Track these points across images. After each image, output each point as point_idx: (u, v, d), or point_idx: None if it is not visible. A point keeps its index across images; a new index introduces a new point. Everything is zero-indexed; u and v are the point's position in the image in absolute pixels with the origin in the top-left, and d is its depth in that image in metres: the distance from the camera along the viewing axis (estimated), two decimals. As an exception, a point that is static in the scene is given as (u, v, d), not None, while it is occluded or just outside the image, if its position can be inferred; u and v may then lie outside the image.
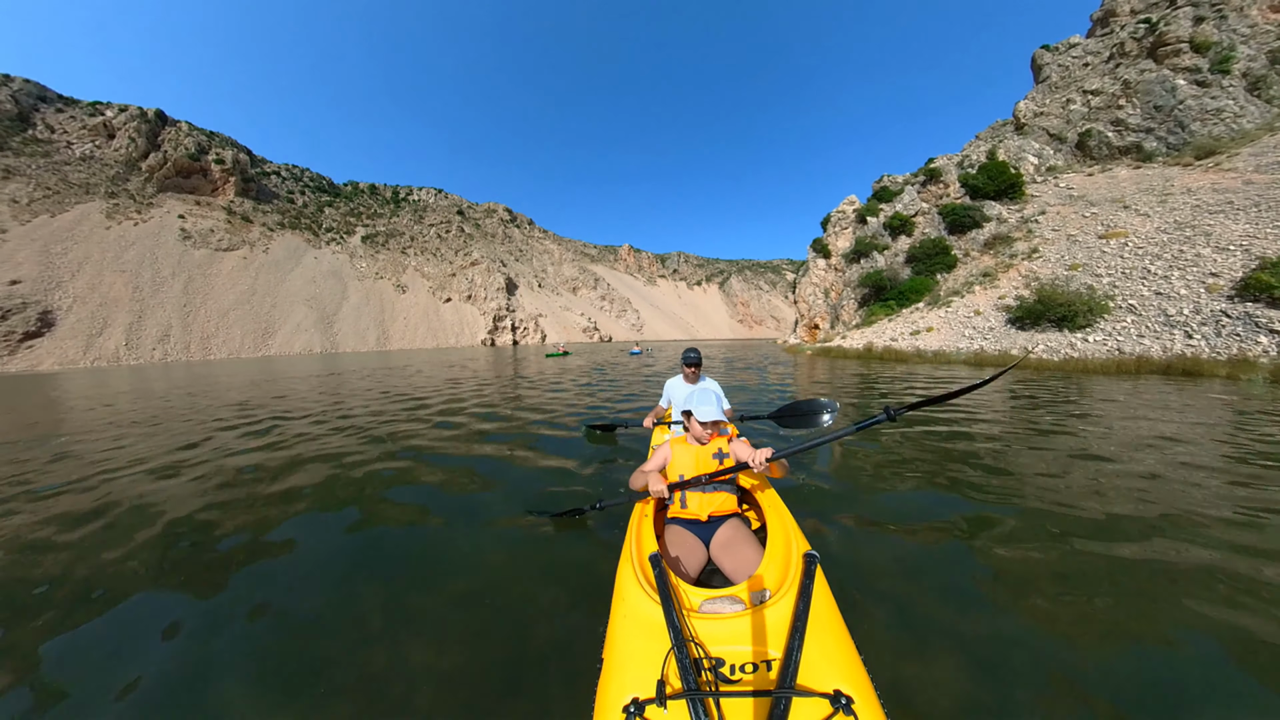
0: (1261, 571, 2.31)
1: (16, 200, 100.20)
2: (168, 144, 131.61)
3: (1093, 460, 4.24)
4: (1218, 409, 6.49)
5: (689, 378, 4.02)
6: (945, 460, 4.34)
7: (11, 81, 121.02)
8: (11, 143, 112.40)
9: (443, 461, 4.99)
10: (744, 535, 2.10)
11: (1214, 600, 2.11)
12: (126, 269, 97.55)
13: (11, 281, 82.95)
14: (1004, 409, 6.97)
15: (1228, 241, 16.38)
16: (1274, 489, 3.40)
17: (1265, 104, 30.02)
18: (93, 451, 6.08)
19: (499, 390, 11.56)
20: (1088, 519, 2.98)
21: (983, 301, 19.47)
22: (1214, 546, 2.57)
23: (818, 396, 2.44)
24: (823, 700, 1.14)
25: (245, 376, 21.71)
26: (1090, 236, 20.39)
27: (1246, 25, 34.87)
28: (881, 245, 30.03)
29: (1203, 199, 20.25)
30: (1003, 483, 3.70)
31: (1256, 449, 4.45)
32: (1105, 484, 3.63)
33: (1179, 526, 2.81)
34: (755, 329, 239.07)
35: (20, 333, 75.22)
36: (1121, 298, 14.89)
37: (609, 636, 1.56)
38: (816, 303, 32.04)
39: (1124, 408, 6.78)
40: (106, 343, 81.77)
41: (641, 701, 1.18)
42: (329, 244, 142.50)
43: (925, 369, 14.08)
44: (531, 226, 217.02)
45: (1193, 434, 5.13)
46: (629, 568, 1.79)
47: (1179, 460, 4.14)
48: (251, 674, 1.92)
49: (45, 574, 2.77)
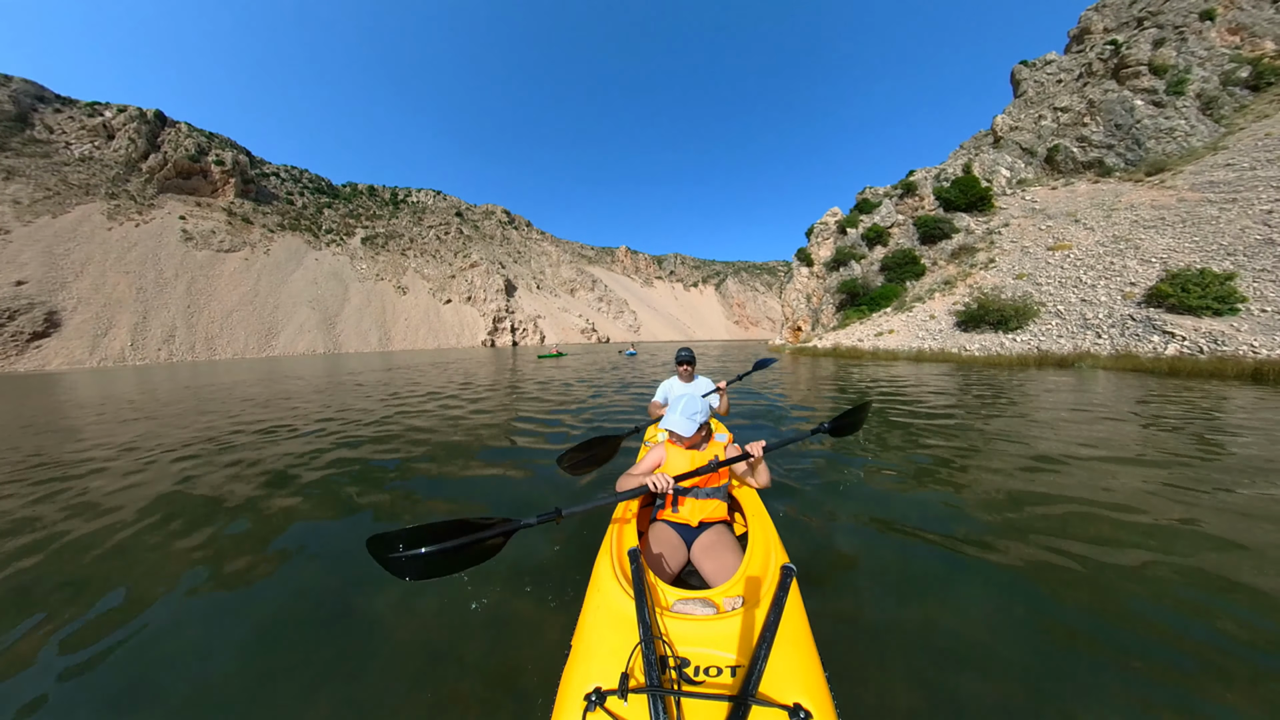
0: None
1: (19, 201, 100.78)
2: (167, 145, 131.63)
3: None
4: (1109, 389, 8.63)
5: (683, 376, 4.05)
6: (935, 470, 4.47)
7: (10, 81, 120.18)
8: (11, 143, 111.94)
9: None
10: (727, 541, 2.12)
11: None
12: (130, 270, 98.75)
13: (17, 282, 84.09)
14: (957, 399, 9.08)
15: (1151, 254, 18.60)
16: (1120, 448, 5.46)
17: (1215, 124, 32.31)
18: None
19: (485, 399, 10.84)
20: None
21: (939, 307, 21.71)
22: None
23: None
24: (782, 712, 1.15)
25: (311, 376, 20.68)
26: (1040, 248, 22.63)
27: (1204, 48, 37.24)
28: (859, 255, 32.30)
29: (1141, 215, 22.50)
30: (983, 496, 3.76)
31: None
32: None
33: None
34: (751, 330, 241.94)
35: (28, 333, 76.55)
36: (1053, 303, 17.12)
37: (579, 625, 1.59)
38: (800, 307, 34.27)
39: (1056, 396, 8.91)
40: (112, 343, 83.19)
41: (604, 692, 1.20)
42: (329, 245, 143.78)
43: (875, 366, 16.32)
44: (529, 228, 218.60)
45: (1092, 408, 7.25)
46: (607, 560, 1.81)
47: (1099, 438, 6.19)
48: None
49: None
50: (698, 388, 3.96)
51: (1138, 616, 2.18)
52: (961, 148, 46.83)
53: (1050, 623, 2.16)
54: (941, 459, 4.65)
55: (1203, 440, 5.12)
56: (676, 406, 2.37)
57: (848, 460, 4.71)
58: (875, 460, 4.72)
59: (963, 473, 4.23)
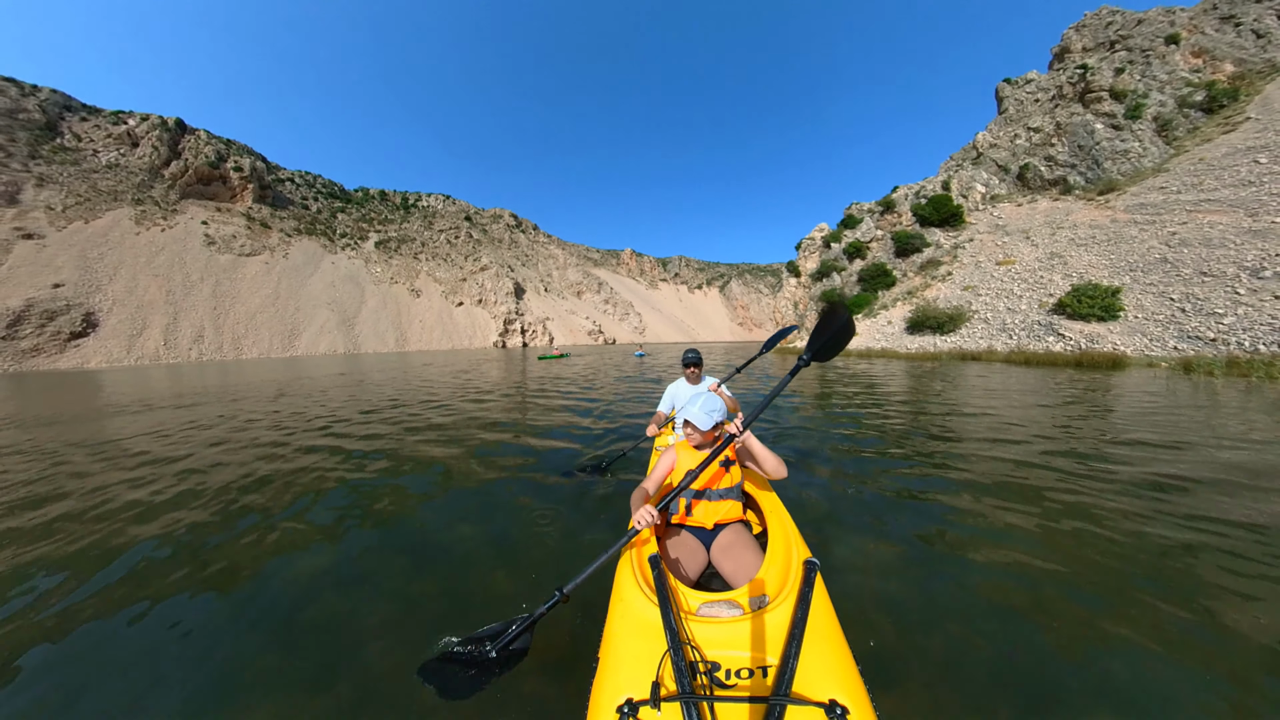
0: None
1: (52, 207, 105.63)
2: (188, 152, 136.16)
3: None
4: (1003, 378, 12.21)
5: (690, 378, 4.07)
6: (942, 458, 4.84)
7: (39, 91, 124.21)
8: (42, 151, 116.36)
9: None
10: (745, 540, 2.10)
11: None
12: (159, 273, 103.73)
13: (55, 285, 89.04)
14: (907, 389, 12.69)
15: (1075, 270, 22.04)
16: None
17: (1166, 145, 35.42)
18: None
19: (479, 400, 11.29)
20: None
21: (897, 314, 25.31)
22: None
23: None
24: (818, 710, 1.14)
25: (391, 369, 25.02)
26: (991, 263, 26.07)
27: (1166, 71, 40.36)
28: (840, 267, 35.99)
29: (1078, 233, 25.90)
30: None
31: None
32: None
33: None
34: (754, 332, 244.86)
35: (67, 332, 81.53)
36: (985, 311, 20.68)
37: (605, 636, 1.58)
38: (789, 312, 38.01)
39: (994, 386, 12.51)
40: (146, 343, 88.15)
41: (636, 702, 1.19)
42: (344, 249, 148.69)
43: (838, 359, 19.94)
44: (536, 231, 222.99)
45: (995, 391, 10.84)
46: (628, 569, 1.80)
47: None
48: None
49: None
50: (705, 389, 3.97)
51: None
52: (951, 159, 49.53)
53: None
54: (868, 422, 8.24)
55: (1006, 394, 8.68)
56: (696, 402, 2.35)
57: (833, 438, 5.82)
58: (848, 439, 5.79)
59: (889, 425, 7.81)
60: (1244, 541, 2.83)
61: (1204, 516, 3.19)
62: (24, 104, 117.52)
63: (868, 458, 4.97)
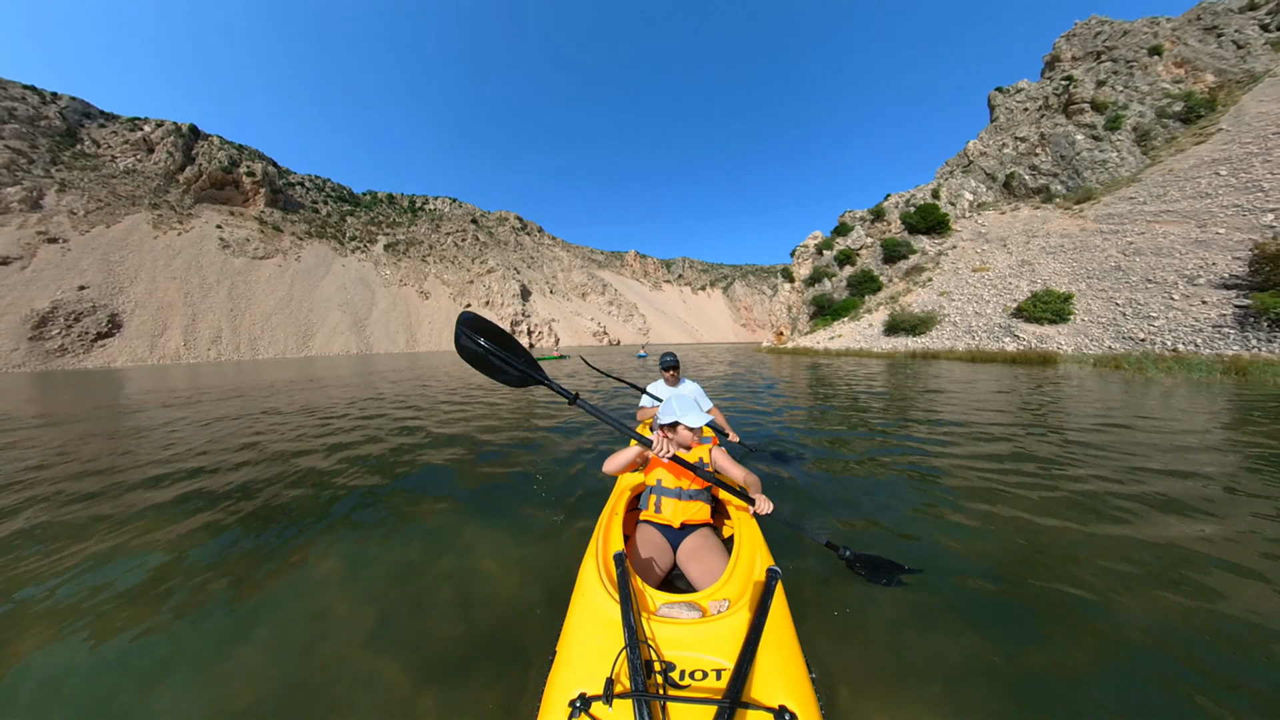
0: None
1: (74, 212, 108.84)
2: (201, 157, 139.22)
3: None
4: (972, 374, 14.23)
5: (669, 381, 4.11)
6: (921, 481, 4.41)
7: (59, 99, 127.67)
8: (63, 157, 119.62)
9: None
10: (712, 544, 2.13)
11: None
12: (177, 276, 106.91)
13: (80, 287, 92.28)
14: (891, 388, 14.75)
15: (1041, 276, 23.93)
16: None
17: (1144, 155, 37.01)
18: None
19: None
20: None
21: (878, 318, 27.28)
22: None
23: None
24: (767, 715, 1.16)
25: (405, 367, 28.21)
26: (968, 269, 27.96)
27: (1148, 82, 41.89)
28: (831, 273, 38.00)
29: (1049, 241, 27.73)
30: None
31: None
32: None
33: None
34: (758, 333, 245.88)
35: (93, 333, 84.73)
36: (954, 315, 22.63)
37: (565, 630, 1.59)
38: (783, 316, 40.07)
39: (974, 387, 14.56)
40: (168, 343, 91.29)
41: (589, 698, 1.21)
42: (354, 252, 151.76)
43: (823, 359, 21.99)
44: (541, 234, 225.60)
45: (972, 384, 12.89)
46: (593, 564, 1.81)
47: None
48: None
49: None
50: (685, 391, 4.04)
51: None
52: (946, 164, 50.80)
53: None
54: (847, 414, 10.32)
55: (955, 382, 10.70)
56: (687, 401, 2.37)
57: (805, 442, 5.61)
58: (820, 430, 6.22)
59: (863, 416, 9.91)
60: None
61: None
62: (45, 111, 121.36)
63: (833, 455, 5.01)
